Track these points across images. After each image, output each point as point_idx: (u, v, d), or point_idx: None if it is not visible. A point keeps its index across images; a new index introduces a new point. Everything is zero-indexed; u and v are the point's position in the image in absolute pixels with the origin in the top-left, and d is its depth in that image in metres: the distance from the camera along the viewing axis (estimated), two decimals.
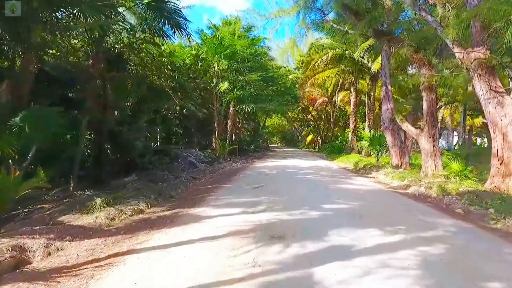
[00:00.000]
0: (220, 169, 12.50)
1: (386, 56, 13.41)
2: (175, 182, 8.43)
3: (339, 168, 14.24)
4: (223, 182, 8.82)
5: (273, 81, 21.30)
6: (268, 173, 11.25)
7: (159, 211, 5.38)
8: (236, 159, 18.02)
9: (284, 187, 7.99)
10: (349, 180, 9.62)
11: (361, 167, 13.46)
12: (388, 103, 12.84)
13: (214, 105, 17.79)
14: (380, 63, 17.85)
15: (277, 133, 52.00)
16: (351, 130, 24.26)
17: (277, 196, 6.65)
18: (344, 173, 12.06)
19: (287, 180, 9.42)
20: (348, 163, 16.33)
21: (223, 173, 11.22)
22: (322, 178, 10.02)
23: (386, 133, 12.74)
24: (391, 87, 13.13)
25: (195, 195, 6.89)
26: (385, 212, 5.42)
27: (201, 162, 13.17)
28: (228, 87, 16.62)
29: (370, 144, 14.11)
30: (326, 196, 6.79)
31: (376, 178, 10.59)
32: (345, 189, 7.84)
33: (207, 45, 17.17)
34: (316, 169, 12.99)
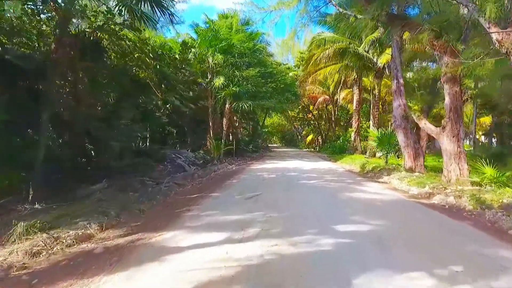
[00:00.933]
0: (213, 172, 11.00)
1: (397, 47, 11.91)
2: (153, 190, 6.94)
3: (345, 171, 12.73)
4: (212, 190, 7.32)
5: (272, 78, 19.79)
6: (266, 178, 9.75)
7: (112, 237, 3.88)
8: (232, 160, 16.52)
9: (284, 196, 6.49)
10: (360, 187, 8.12)
11: (369, 170, 11.95)
12: (400, 98, 11.34)
13: (209, 102, 16.30)
14: (387, 57, 16.38)
15: (277, 132, 50.49)
16: (354, 130, 22.76)
17: (275, 211, 5.15)
18: (351, 176, 10.56)
19: (287, 186, 7.92)
20: (353, 164, 14.83)
21: (215, 178, 9.72)
22: (327, 183, 8.51)
23: (398, 132, 11.24)
24: (403, 81, 11.62)
25: (172, 209, 5.38)
26: (420, 237, 3.92)
27: (192, 165, 11.68)
28: (224, 83, 15.13)
29: (379, 144, 12.60)
30: (336, 210, 5.29)
31: (389, 184, 9.09)
32: (358, 199, 6.33)
33: (200, 37, 15.69)
34: (319, 172, 11.49)
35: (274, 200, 6.04)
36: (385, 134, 12.53)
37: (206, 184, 8.34)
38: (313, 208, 5.38)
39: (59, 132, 7.97)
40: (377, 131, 12.89)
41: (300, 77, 25.93)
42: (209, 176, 9.99)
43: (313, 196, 6.56)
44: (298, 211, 5.18)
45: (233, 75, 15.63)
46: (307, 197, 6.48)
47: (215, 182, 8.66)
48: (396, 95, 11.46)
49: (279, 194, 6.72)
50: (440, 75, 9.03)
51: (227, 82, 15.31)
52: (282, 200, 6.05)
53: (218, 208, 5.41)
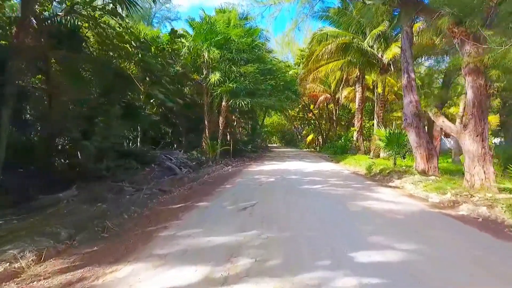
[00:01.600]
0: (206, 175, 9.89)
1: (408, 38, 10.79)
2: (130, 198, 5.84)
3: (350, 173, 11.61)
4: (200, 198, 6.21)
5: (272, 75, 18.67)
6: (264, 182, 8.63)
7: (48, 274, 2.77)
8: (229, 161, 15.41)
9: (285, 207, 5.38)
10: (371, 193, 7.01)
11: (377, 172, 10.85)
12: (411, 94, 10.22)
13: (204, 99, 15.19)
14: (394, 51, 15.27)
15: (277, 132, 49.36)
16: (357, 129, 21.65)
17: (273, 228, 4.05)
18: (358, 180, 9.45)
19: (288, 193, 6.80)
20: (358, 166, 13.72)
21: (207, 182, 8.61)
22: (334, 189, 7.39)
23: (409, 131, 10.13)
24: (414, 75, 10.51)
25: (144, 226, 4.27)
26: (474, 273, 2.81)
27: (184, 167, 10.56)
28: (220, 79, 14.02)
29: (387, 145, 11.49)
30: (351, 227, 4.18)
31: (402, 189, 7.98)
32: (374, 211, 5.21)
33: (195, 30, 14.59)
34: (323, 175, 10.38)
35: (272, 212, 4.93)
36: (393, 134, 11.42)
37: (195, 190, 7.23)
38: (321, 225, 4.27)
39: (26, 130, 6.86)
40: (385, 130, 11.78)
41: (300, 75, 24.80)
42: (201, 180, 8.88)
43: (319, 207, 5.44)
44: (303, 228, 4.07)
45: (230, 70, 14.53)
46: (312, 207, 5.37)
47: (206, 188, 7.54)
48: (406, 91, 10.34)
49: (279, 204, 5.61)
50: (460, 66, 7.91)
51: (224, 78, 14.21)
52: (282, 212, 4.94)
53: (203, 224, 4.30)
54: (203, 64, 14.69)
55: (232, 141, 18.31)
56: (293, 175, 10.20)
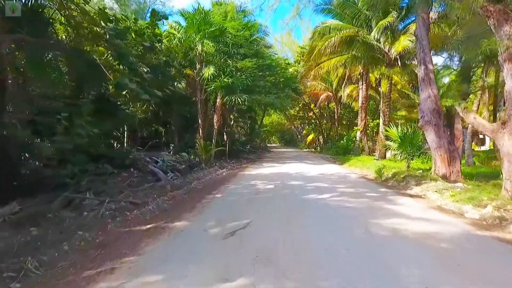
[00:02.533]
0: (195, 180, 8.51)
1: (424, 25, 9.42)
2: (88, 215, 4.47)
3: (358, 177, 10.24)
4: (178, 214, 4.83)
5: (271, 71, 17.30)
6: (262, 189, 7.25)
7: None
8: (225, 163, 14.04)
9: (286, 231, 3.98)
10: (391, 206, 5.63)
11: (389, 177, 9.48)
12: (429, 88, 8.85)
13: (198, 96, 13.82)
14: (404, 44, 13.89)
15: (276, 132, 47.98)
16: (361, 128, 20.28)
17: (269, 275, 2.66)
18: (370, 186, 8.08)
19: (290, 207, 5.42)
20: (366, 169, 12.36)
21: (194, 190, 7.22)
22: (346, 200, 6.00)
23: (427, 130, 8.76)
24: (432, 67, 9.14)
25: (85, 266, 2.89)
26: None
27: (171, 171, 9.18)
28: (214, 73, 12.65)
29: (400, 145, 10.11)
30: (384, 271, 2.79)
31: (425, 198, 6.61)
32: (406, 236, 3.82)
33: (188, 21, 13.22)
34: (328, 180, 9.00)
35: (270, 241, 3.55)
36: (407, 133, 10.04)
37: (177, 202, 5.84)
38: (340, 266, 2.89)
39: None
40: (397, 130, 10.40)
41: (301, 72, 23.43)
42: (188, 187, 7.50)
43: (333, 230, 4.06)
44: (314, 274, 2.69)
45: (225, 64, 13.16)
46: (324, 232, 3.98)
47: (191, 198, 6.16)
48: (424, 84, 8.97)
49: (279, 226, 4.22)
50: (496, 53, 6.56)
51: (218, 73, 12.84)
52: (283, 242, 3.55)
53: (169, 263, 2.92)
54: (197, 58, 13.32)
55: (229, 141, 16.95)
56: (295, 180, 8.82)
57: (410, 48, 14.07)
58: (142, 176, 7.84)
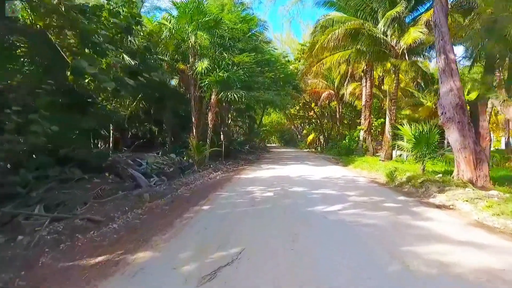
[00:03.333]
0: (182, 186, 7.30)
1: (443, 11, 8.24)
2: (18, 243, 3.26)
3: (368, 181, 9.03)
4: (147, 238, 3.60)
5: (270, 66, 16.09)
6: (259, 199, 6.03)
7: None
8: (220, 164, 12.84)
9: (292, 274, 2.77)
10: (421, 222, 4.41)
11: (404, 181, 8.28)
12: (451, 80, 7.65)
13: (191, 92, 12.62)
14: (415, 35, 12.68)
15: (276, 132, 46.76)
16: (365, 128, 19.06)
17: None
18: (384, 193, 6.87)
19: (294, 227, 4.18)
20: (373, 171, 11.15)
21: (177, 199, 5.99)
22: (362, 214, 4.79)
23: (449, 128, 7.55)
24: (455, 56, 7.94)
25: None
26: None
27: (157, 175, 7.98)
28: (208, 67, 11.45)
29: (415, 145, 8.89)
30: None
31: (456, 210, 5.40)
32: (468, 279, 2.62)
33: (179, 10, 12.00)
34: (335, 186, 7.78)
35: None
36: (423, 133, 8.82)
37: (151, 217, 4.62)
38: None
39: None
40: (411, 128, 9.18)
41: (302, 69, 22.22)
42: (172, 195, 6.28)
43: (356, 265, 2.84)
44: None
45: (221, 57, 11.96)
46: (342, 269, 2.78)
47: (170, 212, 4.93)
48: (444, 76, 7.77)
49: (280, 258, 3.01)
50: None
51: (213, 66, 11.64)
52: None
53: None
54: (190, 51, 12.12)
55: (225, 141, 15.75)
56: (298, 186, 7.60)
57: (419, 42, 12.90)
58: (119, 182, 6.63)
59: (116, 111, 9.00)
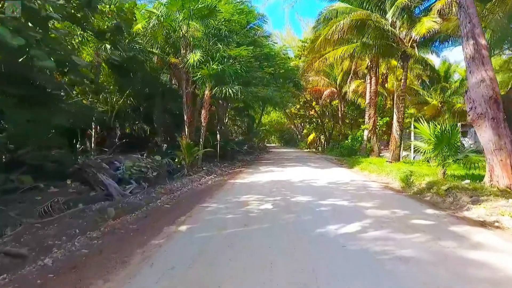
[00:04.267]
0: (164, 195, 6.03)
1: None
2: None
3: (380, 187, 7.77)
4: (90, 282, 2.36)
5: (270, 61, 14.82)
6: (253, 215, 4.73)
7: None
8: (215, 167, 11.60)
9: None
10: (476, 252, 3.14)
11: (423, 188, 7.03)
12: (482, 69, 6.38)
13: (182, 87, 11.37)
14: (428, 25, 11.40)
15: (275, 131, 45.48)
16: (370, 127, 17.81)
17: None
18: (407, 204, 5.60)
19: (302, 264, 2.94)
20: (383, 174, 9.88)
21: (152, 214, 4.71)
22: (391, 237, 3.52)
23: (481, 126, 6.29)
24: (485, 41, 6.68)
25: None
26: None
27: (135, 181, 6.72)
28: (201, 59, 10.19)
29: (436, 146, 7.61)
30: None
31: (504, 229, 4.14)
32: None
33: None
34: (346, 194, 6.51)
35: None
36: (445, 132, 7.54)
37: (106, 245, 3.34)
38: None
39: None
40: (428, 127, 7.91)
41: (304, 65, 20.95)
42: (148, 208, 5.02)
43: None
44: None
45: (215, 49, 10.70)
46: None
47: (131, 238, 3.64)
48: (474, 64, 6.50)
49: None
50: None
51: (206, 58, 10.36)
52: None
53: None
54: (181, 42, 10.86)
55: (222, 141, 14.50)
56: (301, 194, 6.33)
57: (433, 32, 11.64)
58: (85, 190, 5.37)
59: (93, 107, 7.75)
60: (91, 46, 9.16)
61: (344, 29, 13.02)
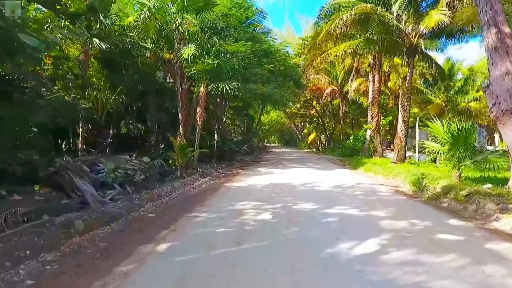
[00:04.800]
0: (149, 202, 5.30)
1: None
2: None
3: (390, 191, 7.04)
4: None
5: (269, 57, 14.08)
6: (248, 229, 3.97)
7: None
8: (211, 168, 10.88)
9: None
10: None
11: (438, 192, 6.31)
12: (506, 60, 5.63)
13: (176, 83, 10.64)
14: (438, 18, 10.66)
15: (275, 131, 44.72)
16: (373, 126, 17.06)
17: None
18: (425, 213, 4.86)
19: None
20: (391, 176, 9.15)
21: (129, 227, 3.97)
22: (420, 263, 2.79)
23: (506, 124, 5.54)
24: (509, 29, 5.95)
25: None
26: None
27: (119, 185, 6.00)
28: (196, 53, 9.46)
29: (452, 146, 6.87)
30: None
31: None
32: None
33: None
34: (354, 199, 5.78)
35: None
36: (462, 130, 6.80)
37: (57, 275, 2.62)
38: None
39: None
40: (443, 126, 7.17)
41: (303, 64, 20.21)
42: (127, 219, 4.29)
43: None
44: None
45: (211, 43, 9.97)
46: None
47: (96, 262, 2.91)
48: (497, 56, 5.75)
49: None
50: None
51: (201, 53, 9.63)
52: None
53: None
54: (175, 35, 10.13)
55: (219, 141, 13.79)
56: (304, 200, 5.59)
57: (441, 27, 10.90)
58: (57, 197, 4.64)
59: (76, 103, 7.02)
60: (77, 41, 8.44)
61: (348, 23, 12.27)
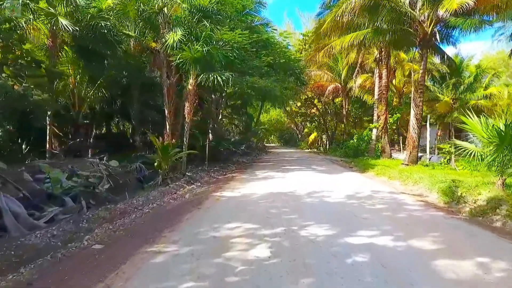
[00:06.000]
0: (104, 223, 3.83)
1: None
2: None
3: (416, 202, 5.55)
4: None
5: (268, 49, 12.59)
6: (233, 278, 2.56)
7: None
8: (202, 172, 9.40)
9: None
10: None
11: (483, 206, 4.86)
12: None
13: (162, 75, 9.16)
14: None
15: (275, 131, 43.19)
16: (379, 125, 15.60)
17: None
18: (484, 241, 3.40)
19: None
20: (410, 182, 7.66)
21: (51, 273, 2.52)
22: None
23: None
24: None
25: None
26: None
27: (73, 197, 4.52)
28: (183, 38, 7.99)
29: (498, 147, 5.39)
30: None
31: None
32: None
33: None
34: (378, 217, 4.30)
35: None
36: (508, 127, 5.32)
37: None
38: None
39: None
40: (489, 123, 5.67)
41: (305, 58, 18.72)
42: (38, 266, 2.82)
43: None
44: None
45: (200, 26, 8.49)
46: None
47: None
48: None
49: None
50: None
51: (189, 38, 8.16)
52: None
53: None
54: (159, 18, 8.64)
55: (213, 141, 12.32)
56: (315, 221, 4.10)
57: (464, 10, 9.44)
58: None
59: (29, 94, 5.57)
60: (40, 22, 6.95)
61: (356, 9, 10.78)
